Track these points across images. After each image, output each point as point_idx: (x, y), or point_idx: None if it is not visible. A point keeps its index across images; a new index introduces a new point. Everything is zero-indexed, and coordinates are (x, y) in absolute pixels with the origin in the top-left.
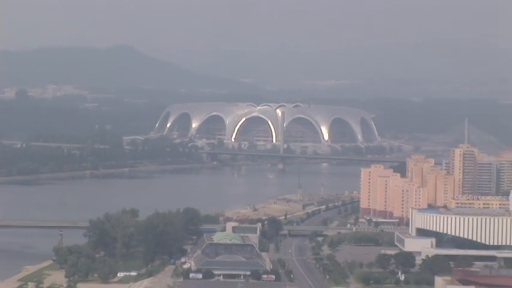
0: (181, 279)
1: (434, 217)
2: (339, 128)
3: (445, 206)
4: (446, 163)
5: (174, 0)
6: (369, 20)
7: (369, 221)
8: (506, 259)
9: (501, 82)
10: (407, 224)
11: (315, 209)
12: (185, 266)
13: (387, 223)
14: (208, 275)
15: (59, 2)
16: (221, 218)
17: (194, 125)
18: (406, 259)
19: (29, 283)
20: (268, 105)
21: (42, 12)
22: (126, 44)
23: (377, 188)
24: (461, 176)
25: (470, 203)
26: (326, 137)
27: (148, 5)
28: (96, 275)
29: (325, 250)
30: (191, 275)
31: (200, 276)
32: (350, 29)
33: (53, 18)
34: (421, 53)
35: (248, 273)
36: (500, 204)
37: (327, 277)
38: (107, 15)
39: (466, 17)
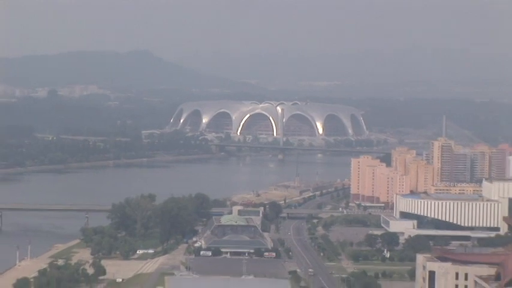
0: (193, 256)
1: (416, 202)
2: (332, 123)
3: (425, 192)
4: (426, 154)
5: (186, 10)
6: (361, 26)
7: (358, 205)
8: (479, 239)
9: (476, 84)
10: (392, 208)
11: (310, 194)
12: (196, 245)
13: (374, 207)
14: (216, 252)
15: (86, 12)
16: (228, 202)
17: (204, 120)
18: (391, 239)
19: (59, 259)
20: (270, 103)
21: (70, 20)
22: (144, 49)
23: (365, 176)
24: (439, 166)
25: (447, 189)
26: (320, 131)
27: (163, 14)
28: (118, 253)
29: (320, 231)
30: (201, 252)
31: (209, 253)
32: (344, 34)
33: (80, 27)
34: (406, 57)
35: (252, 251)
36: (474, 191)
37: (321, 254)
38: (127, 23)
39: (448, 25)
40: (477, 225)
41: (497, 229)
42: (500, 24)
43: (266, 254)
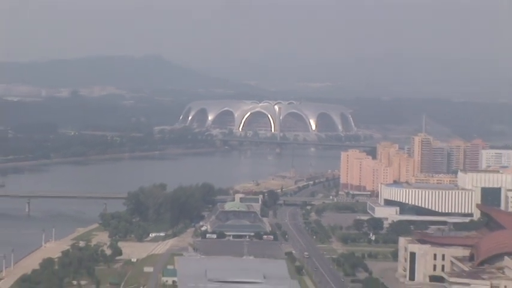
0: (199, 239)
1: (398, 190)
2: (323, 120)
3: (406, 182)
4: (408, 148)
5: (193, 19)
6: (352, 34)
7: (347, 193)
8: (454, 223)
9: (453, 85)
10: (377, 196)
11: (304, 184)
12: (203, 229)
13: (361, 195)
14: (220, 235)
15: (104, 21)
16: (231, 191)
17: (210, 117)
18: (376, 223)
19: (80, 241)
20: (268, 102)
21: (90, 27)
22: (156, 54)
23: (353, 168)
24: (419, 158)
25: (426, 180)
26: (314, 127)
27: (174, 23)
28: (133, 235)
29: (313, 216)
30: (207, 235)
31: (214, 236)
32: (336, 41)
33: (98, 34)
34: (390, 62)
35: (252, 234)
36: (450, 181)
37: (314, 237)
38: (141, 31)
39: (431, 33)
40: (453, 211)
41: (471, 215)
42: (477, 30)
43: (265, 236)
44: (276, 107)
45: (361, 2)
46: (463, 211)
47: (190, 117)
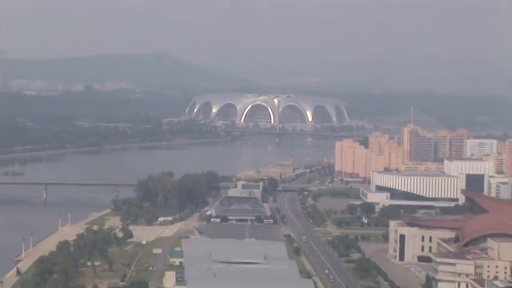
0: (204, 223)
1: (389, 177)
2: (319, 112)
3: (396, 169)
4: (397, 138)
5: (199, 19)
6: (352, 34)
7: (341, 180)
8: (441, 208)
9: (440, 80)
10: (369, 182)
11: (302, 171)
12: (207, 213)
13: (354, 181)
14: (224, 219)
15: (116, 21)
16: (234, 178)
17: (214, 110)
18: (369, 208)
19: (94, 225)
20: (268, 96)
21: (103, 26)
22: (165, 52)
23: (347, 156)
24: (408, 147)
25: (415, 167)
26: (310, 119)
27: (181, 22)
28: (143, 219)
29: (309, 201)
30: (212, 219)
31: (218, 220)
32: (336, 42)
33: (111, 32)
34: (380, 59)
35: (253, 218)
36: (437, 168)
37: (311, 221)
38: (151, 30)
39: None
40: (439, 196)
41: (456, 200)
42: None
43: (265, 220)
44: (275, 100)
45: (361, 2)
46: (449, 196)
47: (195, 110)
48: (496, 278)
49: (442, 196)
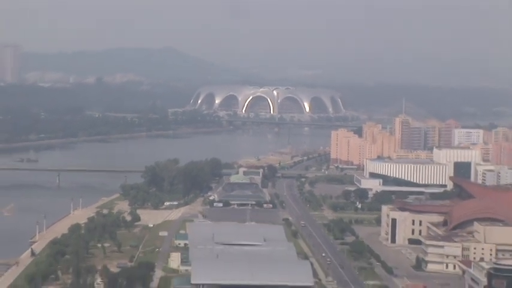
0: (208, 207)
1: (382, 164)
2: (316, 103)
3: (388, 157)
4: (390, 128)
5: (203, 15)
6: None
7: (336, 167)
8: (430, 193)
9: (430, 73)
10: (362, 169)
11: (299, 159)
12: (211, 198)
13: (349, 169)
14: (226, 204)
15: (125, 17)
16: (235, 165)
17: (217, 101)
18: (362, 193)
19: (104, 209)
20: (268, 88)
21: (112, 21)
22: (171, 46)
23: (342, 145)
24: (400, 137)
25: (406, 155)
26: (307, 109)
27: (186, 18)
28: (149, 204)
29: (307, 187)
30: (215, 204)
31: (221, 205)
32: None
33: (120, 27)
34: (373, 54)
35: (254, 203)
36: (426, 156)
37: (308, 205)
38: (158, 27)
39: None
40: (429, 183)
41: (444, 186)
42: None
43: (265, 205)
44: (275, 92)
45: (361, 2)
46: (437, 183)
47: (199, 101)
48: (481, 259)
49: (432, 182)
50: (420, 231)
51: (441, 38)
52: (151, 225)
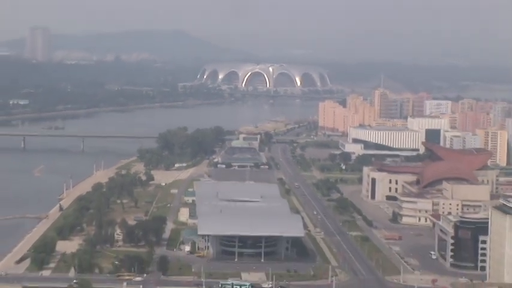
0: (212, 168)
1: (363, 131)
2: (306, 78)
3: (369, 125)
4: (370, 99)
5: (210, 3)
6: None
7: (324, 134)
8: (405, 156)
9: (405, 52)
10: (346, 136)
11: (292, 126)
12: (215, 160)
13: (334, 135)
14: (228, 165)
15: (141, 3)
16: (236, 132)
17: (220, 76)
18: (346, 156)
19: (123, 170)
20: (264, 65)
21: (130, 7)
22: (181, 29)
23: (328, 114)
24: (379, 107)
25: (384, 123)
26: (298, 84)
27: (194, 6)
28: (162, 165)
29: (298, 151)
30: (218, 165)
31: (224, 166)
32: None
33: (135, 13)
34: (359, 36)
35: (252, 164)
36: (402, 124)
37: (299, 167)
38: (169, 12)
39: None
40: (404, 147)
41: (417, 150)
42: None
43: (262, 166)
44: (270, 69)
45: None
46: (411, 147)
47: (205, 76)
48: (449, 213)
49: (406, 147)
50: (396, 189)
51: (414, 19)
52: (164, 184)
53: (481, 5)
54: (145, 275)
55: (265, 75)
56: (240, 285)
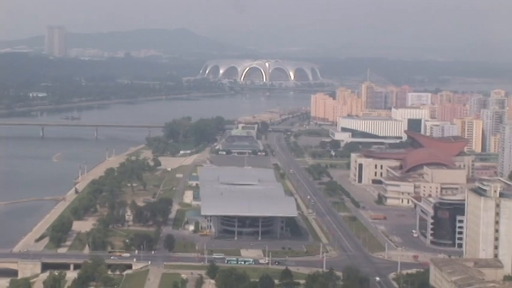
0: (214, 155)
1: (351, 121)
2: (299, 73)
3: (356, 115)
4: (357, 92)
5: (212, 3)
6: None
7: (315, 123)
8: (389, 144)
9: (389, 48)
10: (336, 125)
11: (286, 116)
12: (216, 148)
13: (325, 124)
14: (228, 152)
15: (148, 5)
16: (235, 121)
17: (221, 71)
18: (336, 144)
19: (132, 156)
20: (261, 61)
21: (139, 7)
22: (185, 27)
23: (319, 105)
24: (365, 99)
25: (370, 113)
26: (292, 77)
27: (197, 6)
28: (168, 152)
29: (292, 139)
30: (219, 152)
31: (224, 153)
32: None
33: (143, 14)
34: (347, 33)
35: (250, 151)
36: (386, 114)
37: (293, 153)
38: (173, 12)
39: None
40: (388, 135)
41: (400, 138)
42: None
43: (259, 153)
44: (267, 64)
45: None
46: (395, 135)
47: (207, 71)
48: (429, 195)
49: (390, 135)
50: (381, 173)
51: (398, 18)
52: (170, 169)
53: (461, 3)
54: (136, 251)
55: (262, 70)
56: (244, 261)
